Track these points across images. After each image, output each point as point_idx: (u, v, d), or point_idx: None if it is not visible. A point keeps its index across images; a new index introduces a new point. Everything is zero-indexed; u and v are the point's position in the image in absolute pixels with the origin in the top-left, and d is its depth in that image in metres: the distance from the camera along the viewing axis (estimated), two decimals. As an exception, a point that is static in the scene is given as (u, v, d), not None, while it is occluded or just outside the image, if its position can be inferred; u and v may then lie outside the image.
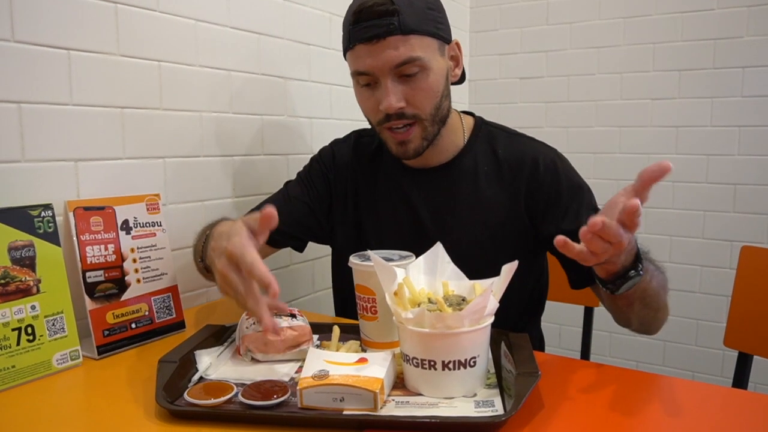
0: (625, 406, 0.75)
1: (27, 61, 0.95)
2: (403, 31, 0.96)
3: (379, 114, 1.03)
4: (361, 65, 1.00)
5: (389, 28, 0.96)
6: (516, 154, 1.11)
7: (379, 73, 0.99)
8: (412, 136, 1.03)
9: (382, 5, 0.96)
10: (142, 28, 1.12)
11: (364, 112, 1.09)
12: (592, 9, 2.16)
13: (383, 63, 0.98)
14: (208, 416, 0.70)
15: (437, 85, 1.02)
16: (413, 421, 0.66)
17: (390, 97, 0.99)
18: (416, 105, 1.01)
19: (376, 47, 0.97)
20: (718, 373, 2.04)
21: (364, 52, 0.99)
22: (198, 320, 1.04)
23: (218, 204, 1.31)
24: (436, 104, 1.03)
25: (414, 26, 0.97)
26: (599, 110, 2.18)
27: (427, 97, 1.02)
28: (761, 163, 1.94)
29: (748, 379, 1.22)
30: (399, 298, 0.77)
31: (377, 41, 0.97)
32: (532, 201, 1.08)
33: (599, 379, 0.85)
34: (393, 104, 0.99)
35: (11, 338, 0.83)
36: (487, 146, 1.13)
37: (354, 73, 1.04)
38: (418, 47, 0.98)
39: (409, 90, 1.00)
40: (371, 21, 0.96)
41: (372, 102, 1.03)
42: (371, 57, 0.98)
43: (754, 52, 1.91)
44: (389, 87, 0.99)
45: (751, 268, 1.25)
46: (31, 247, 0.87)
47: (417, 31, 0.98)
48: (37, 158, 0.97)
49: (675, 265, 2.10)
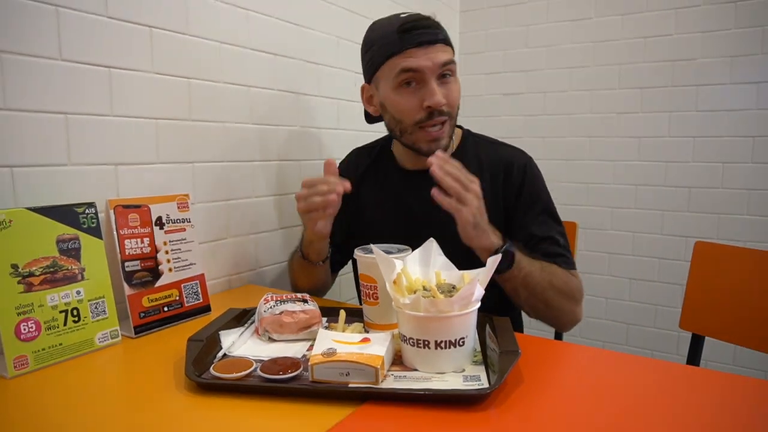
0: (592, 380, 0.75)
1: (73, 77, 0.94)
2: (446, 42, 1.04)
3: (419, 112, 1.03)
4: (414, 64, 1.01)
5: (438, 36, 1.03)
6: (495, 159, 1.12)
7: (430, 71, 1.02)
8: (444, 133, 1.06)
9: (429, 19, 1.04)
10: (174, 49, 1.12)
11: (402, 112, 1.05)
12: (566, 35, 2.15)
13: (435, 63, 1.01)
14: (231, 388, 0.70)
15: (460, 89, 1.08)
16: (409, 393, 0.66)
17: (438, 95, 1.02)
18: (451, 104, 1.05)
19: (429, 50, 1.01)
20: (674, 352, 2.04)
21: (417, 53, 1.01)
22: (222, 304, 1.04)
23: (240, 203, 1.31)
24: (458, 105, 1.08)
25: (449, 41, 1.06)
26: (572, 123, 2.18)
27: (457, 98, 1.07)
28: (712, 169, 1.94)
29: (700, 357, 1.22)
30: (397, 285, 0.77)
31: (430, 45, 1.01)
32: (506, 200, 1.09)
33: (571, 357, 0.85)
34: (440, 100, 1.02)
35: (59, 319, 0.83)
36: (472, 153, 1.13)
37: (400, 72, 1.02)
38: (453, 56, 1.05)
39: (446, 90, 1.04)
40: (426, 29, 1.02)
41: (415, 101, 1.03)
42: (424, 58, 1.01)
43: (707, 72, 1.91)
44: (435, 85, 1.02)
45: (703, 260, 1.25)
46: (76, 240, 0.87)
47: (450, 46, 1.05)
48: (82, 162, 0.97)
49: (637, 257, 2.10)
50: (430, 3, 2.11)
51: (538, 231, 1.06)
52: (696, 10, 1.90)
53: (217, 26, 1.21)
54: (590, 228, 2.16)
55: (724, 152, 1.91)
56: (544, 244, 1.06)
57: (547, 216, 1.08)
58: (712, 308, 1.21)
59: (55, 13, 0.91)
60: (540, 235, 1.06)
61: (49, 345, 0.81)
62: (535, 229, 1.06)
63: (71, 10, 0.93)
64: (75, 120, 0.95)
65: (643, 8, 1.99)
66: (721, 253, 1.23)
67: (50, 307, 0.82)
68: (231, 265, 1.29)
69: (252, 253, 1.35)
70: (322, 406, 0.66)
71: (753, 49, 1.83)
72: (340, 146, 1.61)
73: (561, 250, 1.07)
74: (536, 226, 1.07)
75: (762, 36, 1.82)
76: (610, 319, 2.15)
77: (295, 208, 1.05)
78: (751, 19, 1.83)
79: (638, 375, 0.76)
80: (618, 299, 2.14)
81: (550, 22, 2.18)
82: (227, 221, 1.28)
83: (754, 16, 1.82)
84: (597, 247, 2.16)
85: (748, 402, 0.68)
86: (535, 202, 1.08)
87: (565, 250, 1.08)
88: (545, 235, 1.06)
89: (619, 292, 2.14)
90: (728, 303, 1.19)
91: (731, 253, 1.22)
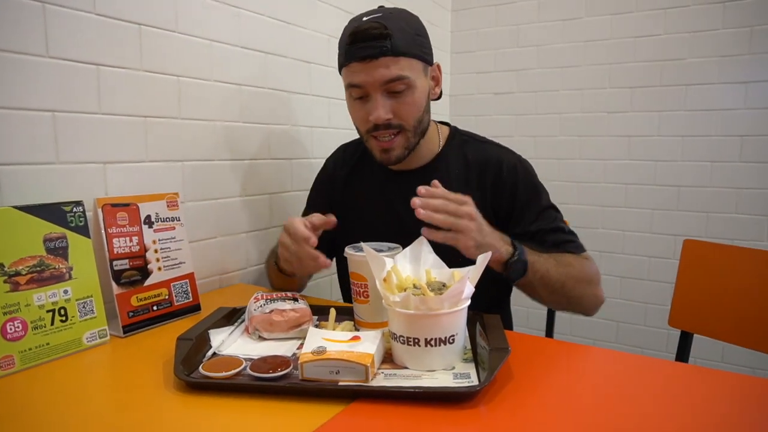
0: (582, 377, 0.75)
1: (60, 74, 0.94)
2: (394, 53, 0.96)
3: (367, 124, 1.02)
4: (355, 79, 1.00)
5: (382, 49, 0.96)
6: (483, 159, 1.11)
7: (371, 88, 0.99)
8: (395, 144, 1.03)
9: (376, 29, 0.95)
10: (163, 46, 1.11)
11: (354, 121, 1.08)
12: (556, 34, 2.16)
13: (375, 79, 0.97)
14: (221, 387, 0.70)
15: (420, 101, 1.02)
16: (400, 391, 0.66)
17: (379, 110, 0.99)
18: (402, 117, 1.01)
19: (370, 65, 0.97)
20: (663, 349, 2.06)
21: (358, 68, 0.98)
22: (212, 303, 1.03)
23: (229, 202, 1.30)
24: (418, 118, 1.03)
25: (403, 49, 0.97)
26: (562, 122, 2.19)
27: (411, 111, 1.01)
28: (701, 168, 1.96)
29: (689, 354, 1.23)
30: (388, 283, 0.77)
31: (371, 60, 0.96)
32: (496, 200, 1.08)
33: (561, 355, 0.85)
34: (381, 116, 0.99)
35: (46, 319, 0.82)
36: (459, 152, 1.13)
37: (348, 86, 1.03)
38: (406, 67, 0.98)
39: (396, 104, 1.00)
40: (367, 42, 0.96)
41: (362, 113, 1.03)
42: (365, 73, 0.98)
43: (696, 72, 1.93)
44: (379, 101, 0.99)
45: (691, 258, 1.26)
46: (63, 238, 0.86)
47: (405, 54, 0.98)
48: (70, 160, 0.96)
49: (627, 255, 2.11)
50: (420, 1, 2.11)
51: (544, 225, 1.06)
52: (685, 10, 1.92)
53: (207, 24, 1.20)
54: (581, 226, 2.16)
55: (712, 151, 1.93)
56: (551, 235, 1.06)
57: (548, 209, 1.08)
58: (700, 306, 1.22)
59: (42, 10, 0.90)
60: (546, 228, 1.06)
61: (36, 345, 0.80)
62: (540, 224, 1.06)
63: (58, 6, 0.92)
64: (63, 118, 0.94)
65: (632, 8, 2.01)
66: (710, 251, 1.24)
67: (37, 307, 0.81)
68: (221, 264, 1.29)
69: (242, 252, 1.34)
70: (312, 404, 0.65)
71: (741, 50, 1.85)
72: (331, 145, 1.60)
73: (569, 237, 1.07)
74: (541, 221, 1.06)
75: (750, 36, 1.84)
76: (600, 317, 2.16)
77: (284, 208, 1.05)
78: (739, 19, 1.84)
79: (628, 372, 0.77)
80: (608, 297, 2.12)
81: (541, 22, 2.19)
82: (217, 220, 1.27)
83: (742, 17, 1.84)
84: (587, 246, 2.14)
85: (736, 398, 0.68)
86: (535, 200, 1.08)
87: (572, 236, 1.08)
88: (551, 227, 1.06)
89: (609, 289, 2.13)
90: (717, 301, 1.20)
91: (720, 251, 1.23)
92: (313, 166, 1.55)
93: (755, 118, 1.86)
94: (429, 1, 2.17)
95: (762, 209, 1.88)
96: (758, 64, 1.83)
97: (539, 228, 1.06)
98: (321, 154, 1.57)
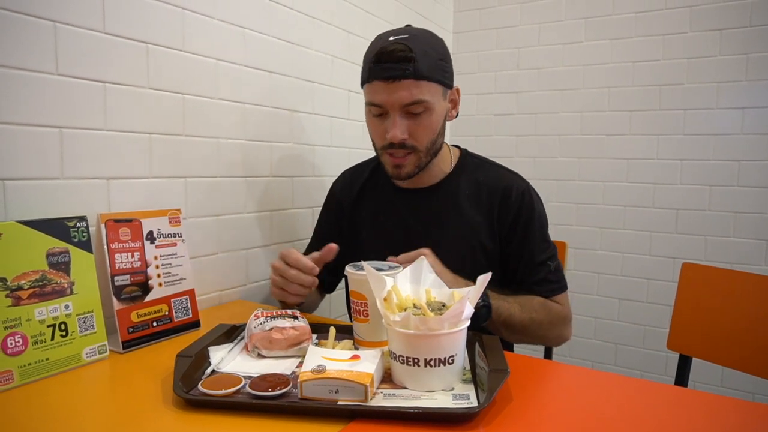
0: (581, 400, 0.75)
1: (68, 91, 0.95)
2: (417, 76, 0.98)
3: (383, 140, 1.05)
4: (376, 98, 1.02)
5: (405, 72, 0.97)
6: (494, 182, 1.12)
7: (391, 108, 1.01)
8: (407, 162, 1.06)
9: (401, 51, 0.97)
10: (170, 65, 1.13)
11: (371, 136, 1.10)
12: (556, 57, 2.19)
13: (395, 101, 0.99)
14: (220, 405, 0.69)
15: (436, 124, 1.05)
16: (399, 411, 0.66)
17: (396, 130, 1.01)
18: (417, 139, 1.03)
19: (392, 86, 0.98)
20: (662, 372, 2.05)
21: (380, 88, 1.00)
22: (212, 320, 1.03)
23: (232, 219, 1.31)
24: (432, 140, 1.06)
25: (426, 73, 0.99)
26: (562, 144, 2.21)
27: (426, 134, 1.04)
28: (699, 192, 1.97)
29: (688, 378, 1.23)
30: (388, 303, 0.77)
31: (393, 81, 0.98)
32: (500, 224, 1.10)
33: (560, 377, 0.85)
34: (398, 136, 1.01)
35: (46, 334, 0.82)
36: (470, 174, 1.15)
37: (368, 103, 1.05)
38: (426, 91, 1.00)
39: (413, 125, 1.02)
40: (391, 63, 0.97)
41: (380, 129, 1.05)
42: (386, 94, 0.99)
43: (693, 96, 1.95)
44: (397, 120, 1.01)
45: (690, 281, 1.26)
46: (66, 253, 0.87)
47: (428, 78, 0.99)
48: (75, 176, 0.97)
49: (626, 278, 2.11)
50: (424, 24, 2.15)
51: (535, 257, 1.09)
52: (683, 36, 1.95)
53: (213, 43, 1.22)
54: (580, 248, 2.17)
55: (710, 175, 1.95)
56: (537, 270, 1.09)
57: (543, 242, 1.11)
58: (699, 329, 1.22)
59: (53, 29, 0.92)
60: (536, 261, 1.09)
61: (36, 360, 0.80)
62: (531, 256, 1.09)
63: (69, 26, 0.94)
64: (69, 134, 0.96)
65: (632, 34, 2.04)
66: (709, 275, 1.24)
67: (38, 321, 0.81)
68: (221, 281, 1.29)
69: (242, 269, 1.35)
70: (311, 423, 0.65)
71: (738, 76, 1.88)
72: (333, 163, 1.62)
73: (551, 276, 1.09)
74: (532, 253, 1.09)
75: (746, 63, 1.86)
76: (599, 339, 2.16)
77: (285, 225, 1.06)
78: (736, 47, 1.87)
79: (626, 395, 0.77)
80: (607, 319, 2.14)
81: (542, 45, 2.22)
82: (218, 236, 1.28)
83: (739, 45, 1.87)
84: (586, 267, 2.18)
85: (734, 423, 0.68)
86: (531, 230, 1.10)
87: (554, 274, 1.10)
88: (539, 261, 1.09)
89: (608, 312, 2.14)
90: (715, 324, 1.20)
91: (718, 274, 1.23)
92: (314, 184, 1.56)
93: (752, 143, 1.88)
94: (431, 24, 2.21)
95: (759, 233, 1.89)
96: (755, 90, 1.86)
97: (530, 260, 1.08)
98: (323, 172, 1.59)
